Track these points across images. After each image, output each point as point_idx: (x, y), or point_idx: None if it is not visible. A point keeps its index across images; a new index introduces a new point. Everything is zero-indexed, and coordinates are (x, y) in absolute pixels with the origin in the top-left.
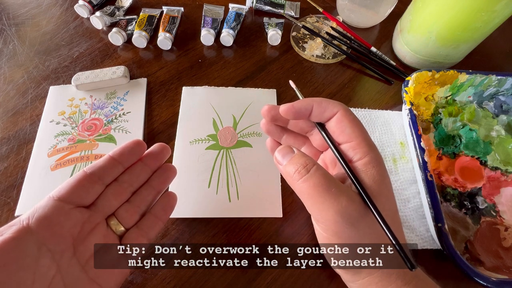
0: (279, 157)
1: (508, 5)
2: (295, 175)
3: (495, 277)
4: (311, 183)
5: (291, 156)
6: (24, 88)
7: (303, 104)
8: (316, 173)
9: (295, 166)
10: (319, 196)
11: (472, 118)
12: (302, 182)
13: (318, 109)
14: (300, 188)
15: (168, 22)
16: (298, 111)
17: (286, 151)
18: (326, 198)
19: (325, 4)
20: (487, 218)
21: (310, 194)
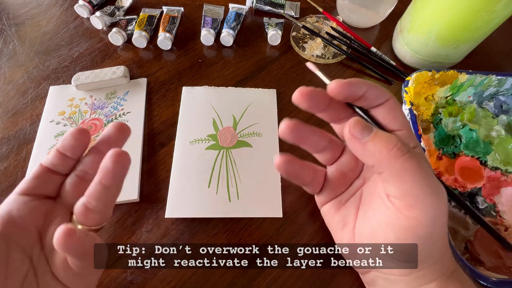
0: (358, 131)
1: (508, 5)
2: (395, 151)
3: (495, 277)
4: (415, 162)
5: (371, 130)
6: (24, 88)
7: (359, 82)
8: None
9: (391, 142)
10: (424, 178)
11: (472, 118)
12: (406, 159)
13: (374, 91)
14: (403, 166)
15: (168, 22)
16: (353, 90)
17: (364, 125)
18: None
19: (325, 4)
20: (487, 218)
21: (414, 175)
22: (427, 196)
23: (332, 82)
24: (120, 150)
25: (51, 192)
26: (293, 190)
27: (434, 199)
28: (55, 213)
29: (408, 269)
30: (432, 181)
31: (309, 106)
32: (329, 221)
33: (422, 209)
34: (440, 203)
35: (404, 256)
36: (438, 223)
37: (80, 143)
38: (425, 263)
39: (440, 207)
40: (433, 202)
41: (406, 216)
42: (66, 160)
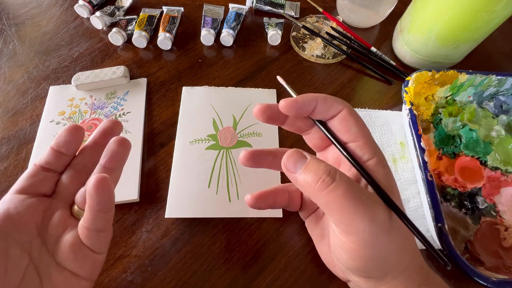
0: (291, 164)
1: (508, 5)
2: (318, 184)
3: (495, 277)
4: (339, 193)
5: (304, 162)
6: (24, 88)
7: (307, 99)
8: (342, 181)
9: (317, 174)
10: (350, 206)
11: (472, 118)
12: (328, 192)
13: (323, 106)
14: (327, 199)
15: (168, 22)
16: (301, 107)
17: (297, 157)
18: (359, 207)
19: (325, 4)
20: (487, 218)
21: (339, 205)
22: (355, 223)
23: (281, 100)
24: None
25: (47, 190)
26: None
27: (364, 224)
28: (53, 209)
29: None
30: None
31: (266, 120)
32: (311, 233)
33: (355, 235)
34: (372, 227)
35: (361, 272)
36: (378, 243)
37: (75, 139)
38: (385, 278)
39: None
40: (364, 227)
41: (346, 240)
42: (60, 158)
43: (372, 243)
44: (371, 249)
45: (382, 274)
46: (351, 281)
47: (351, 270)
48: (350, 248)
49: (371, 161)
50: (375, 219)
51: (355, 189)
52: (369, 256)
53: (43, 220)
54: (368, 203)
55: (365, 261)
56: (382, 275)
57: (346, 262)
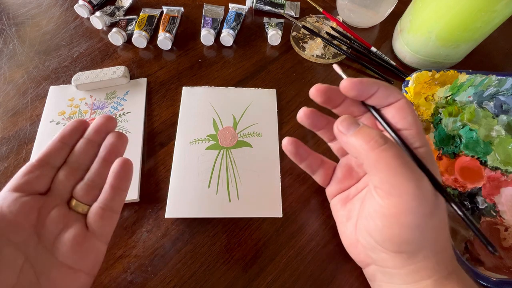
0: (345, 126)
1: (508, 5)
2: (372, 143)
3: (495, 277)
4: (390, 153)
5: (357, 127)
6: (24, 88)
7: (370, 82)
8: (394, 145)
9: (370, 135)
10: (398, 167)
11: (472, 118)
12: (382, 150)
13: (384, 91)
14: (377, 157)
15: (168, 22)
16: (364, 88)
17: (350, 121)
18: (407, 170)
19: (325, 4)
20: (487, 218)
21: (388, 164)
22: (401, 184)
23: (344, 79)
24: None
25: (42, 188)
26: (293, 190)
27: (410, 186)
28: (49, 206)
29: (400, 261)
30: (409, 171)
31: (323, 101)
32: (336, 213)
33: (398, 196)
34: (417, 191)
35: (393, 245)
36: (419, 211)
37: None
38: (416, 256)
39: (417, 195)
40: (409, 190)
41: (387, 204)
42: (63, 150)
43: (415, 209)
44: (412, 216)
45: (416, 249)
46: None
47: (383, 241)
48: (390, 212)
49: (422, 149)
50: (421, 186)
51: (405, 156)
52: (409, 223)
53: (39, 218)
54: (416, 171)
55: (402, 229)
56: (415, 251)
57: (379, 232)
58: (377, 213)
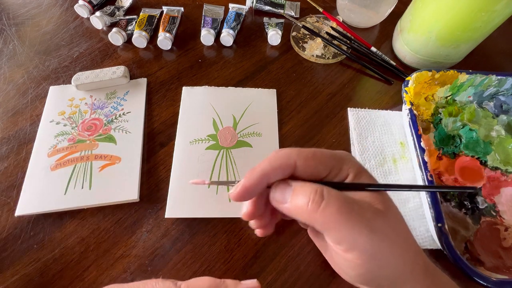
0: (279, 195)
1: (508, 5)
2: (310, 206)
3: (495, 277)
4: (333, 209)
5: (290, 189)
6: (24, 88)
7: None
8: (332, 196)
9: (305, 196)
10: (347, 221)
11: (472, 118)
12: (322, 211)
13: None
14: (323, 218)
15: (168, 22)
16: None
17: (283, 186)
18: (356, 221)
19: (325, 4)
20: (487, 218)
21: (336, 222)
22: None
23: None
24: None
25: None
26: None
27: (366, 237)
28: None
29: None
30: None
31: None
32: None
33: (358, 250)
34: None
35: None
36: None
37: None
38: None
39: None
40: (366, 240)
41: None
42: None
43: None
44: (376, 260)
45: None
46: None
47: (360, 283)
48: (356, 264)
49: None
50: (374, 229)
51: (346, 202)
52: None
53: None
54: (363, 213)
55: (372, 273)
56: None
57: (354, 278)
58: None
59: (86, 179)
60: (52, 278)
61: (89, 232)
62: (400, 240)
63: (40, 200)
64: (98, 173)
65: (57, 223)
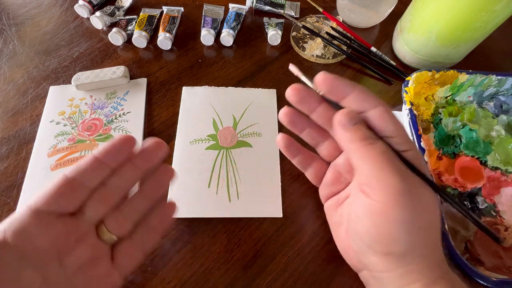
0: (346, 119)
1: (508, 5)
2: (364, 140)
3: (495, 277)
4: (379, 150)
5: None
6: (24, 88)
7: (345, 82)
8: (383, 145)
9: (365, 133)
10: (384, 162)
11: (472, 118)
12: (371, 147)
13: (359, 95)
14: (367, 152)
15: (168, 22)
16: (337, 86)
17: (353, 116)
18: (393, 165)
19: (325, 4)
20: (487, 218)
21: (375, 160)
22: (387, 177)
23: (321, 72)
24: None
25: (73, 209)
26: (293, 190)
27: (396, 180)
28: (78, 231)
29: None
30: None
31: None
32: (329, 218)
33: (384, 190)
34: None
35: (382, 246)
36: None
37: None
38: (405, 259)
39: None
40: (395, 183)
41: (374, 200)
42: (101, 170)
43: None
44: (398, 210)
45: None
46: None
47: (372, 243)
48: (376, 210)
49: (409, 153)
50: (407, 180)
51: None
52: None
53: (66, 243)
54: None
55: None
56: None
57: (368, 233)
58: (364, 212)
59: None
60: None
61: None
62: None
63: None
64: None
65: None
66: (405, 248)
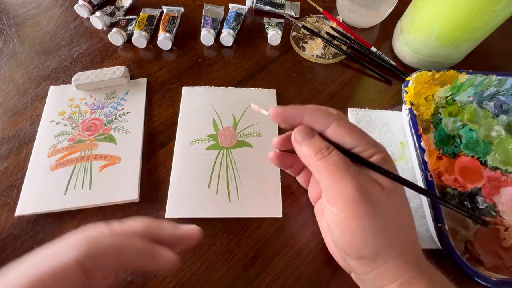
0: (300, 136)
1: (508, 5)
2: (318, 155)
3: (495, 277)
4: (332, 162)
5: (311, 138)
6: (24, 88)
7: (293, 111)
8: (337, 155)
9: (319, 147)
10: (338, 172)
11: (472, 118)
12: (324, 160)
13: (310, 118)
14: (322, 165)
15: (168, 22)
16: (287, 117)
17: (307, 132)
18: (345, 174)
19: (325, 4)
20: (487, 218)
21: (329, 171)
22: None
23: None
24: None
25: None
26: (293, 190)
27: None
28: None
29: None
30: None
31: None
32: (319, 222)
33: (340, 200)
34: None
35: (353, 251)
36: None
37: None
38: (376, 260)
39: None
40: (348, 192)
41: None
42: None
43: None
44: (357, 218)
45: (374, 253)
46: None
47: (345, 249)
48: (340, 218)
49: (374, 157)
50: (359, 186)
51: (346, 162)
52: (356, 226)
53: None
54: (356, 175)
55: (354, 234)
56: (374, 255)
57: (339, 240)
58: (332, 221)
59: (86, 179)
60: None
61: None
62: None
63: (40, 200)
64: (98, 173)
65: (57, 223)
66: (374, 251)
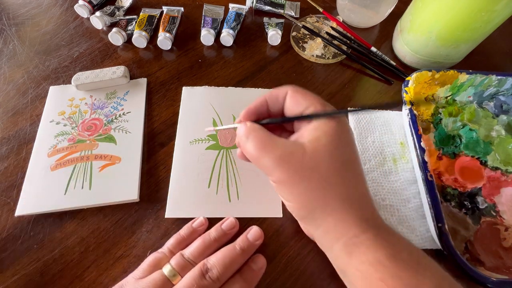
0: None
1: (508, 5)
2: (241, 142)
3: (495, 277)
4: (251, 145)
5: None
6: (24, 88)
7: (257, 102)
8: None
9: (239, 136)
10: (260, 144)
11: (472, 118)
12: (245, 145)
13: (271, 98)
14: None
15: (168, 22)
16: (255, 110)
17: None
18: (267, 144)
19: (325, 4)
20: (487, 218)
21: (252, 155)
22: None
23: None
24: None
25: None
26: None
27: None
28: None
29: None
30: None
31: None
32: None
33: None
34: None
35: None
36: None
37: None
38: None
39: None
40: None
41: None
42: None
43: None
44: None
45: (308, 213)
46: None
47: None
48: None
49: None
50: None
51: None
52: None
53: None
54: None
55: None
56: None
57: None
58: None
59: (86, 179)
60: (52, 278)
61: (89, 232)
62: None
63: (40, 200)
64: (98, 173)
65: (57, 223)
66: (308, 210)
